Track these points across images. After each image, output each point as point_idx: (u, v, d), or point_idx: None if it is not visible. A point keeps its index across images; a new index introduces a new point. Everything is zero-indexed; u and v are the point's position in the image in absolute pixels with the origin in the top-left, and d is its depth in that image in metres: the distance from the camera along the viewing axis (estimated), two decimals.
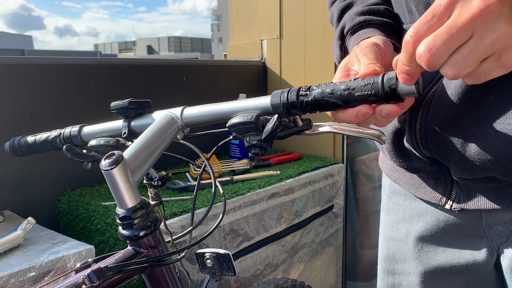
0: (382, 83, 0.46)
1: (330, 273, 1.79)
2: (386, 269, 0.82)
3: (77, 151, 0.67)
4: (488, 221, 0.66)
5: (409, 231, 0.76)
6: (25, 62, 1.27)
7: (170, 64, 1.66)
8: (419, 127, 0.63)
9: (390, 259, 0.81)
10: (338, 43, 0.69)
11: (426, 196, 0.72)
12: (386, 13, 0.69)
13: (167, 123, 0.59)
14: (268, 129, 0.52)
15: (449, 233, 0.72)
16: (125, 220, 0.54)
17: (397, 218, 0.80)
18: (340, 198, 1.76)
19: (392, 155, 0.71)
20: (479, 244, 0.69)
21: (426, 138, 0.63)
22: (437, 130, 0.61)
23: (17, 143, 0.74)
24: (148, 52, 78.38)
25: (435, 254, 0.73)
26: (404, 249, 0.78)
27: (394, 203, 0.81)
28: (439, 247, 0.73)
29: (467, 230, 0.69)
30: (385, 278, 0.83)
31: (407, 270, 0.78)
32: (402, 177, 0.76)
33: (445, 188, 0.69)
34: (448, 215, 0.71)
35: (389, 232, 0.82)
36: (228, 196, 1.29)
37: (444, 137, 0.61)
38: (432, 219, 0.73)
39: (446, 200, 0.69)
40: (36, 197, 1.32)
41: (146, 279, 0.60)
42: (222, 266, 0.62)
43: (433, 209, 0.73)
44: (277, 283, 1.07)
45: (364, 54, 0.55)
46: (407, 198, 0.78)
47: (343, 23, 0.69)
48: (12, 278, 0.84)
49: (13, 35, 54.42)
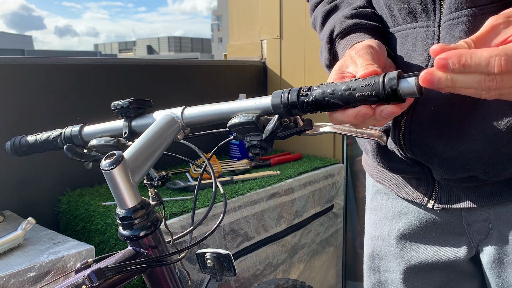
0: (383, 84, 0.46)
1: (330, 273, 1.79)
2: (371, 267, 0.85)
3: (77, 150, 0.67)
4: (468, 219, 0.69)
5: (392, 230, 0.78)
6: (25, 62, 1.26)
7: (170, 64, 1.66)
8: (403, 130, 0.64)
9: (374, 257, 0.84)
10: (327, 47, 0.69)
11: (408, 196, 0.74)
12: (374, 16, 0.70)
13: (167, 123, 0.59)
14: (268, 129, 0.52)
15: (430, 231, 0.74)
16: (125, 220, 0.54)
17: (380, 217, 0.82)
18: (340, 198, 1.76)
19: (376, 157, 0.73)
20: (459, 241, 0.71)
21: (410, 141, 0.64)
22: (421, 133, 0.63)
23: (18, 143, 0.74)
24: (148, 52, 78.38)
25: (417, 251, 0.76)
26: (387, 247, 0.80)
27: (377, 202, 0.83)
28: (421, 244, 0.75)
29: (448, 228, 0.72)
30: (370, 276, 0.85)
31: (390, 267, 0.80)
32: (385, 177, 0.78)
33: (427, 188, 0.71)
34: (430, 214, 0.73)
35: (373, 231, 0.84)
36: (228, 196, 1.29)
37: (427, 140, 0.63)
38: (414, 217, 0.75)
39: (428, 199, 0.71)
40: (36, 197, 1.32)
41: (146, 279, 0.60)
42: (222, 266, 0.62)
43: (415, 208, 0.75)
44: (277, 283, 1.07)
45: (360, 55, 0.55)
46: (389, 197, 0.80)
47: (332, 27, 0.69)
48: (12, 278, 0.84)
49: (13, 35, 54.44)
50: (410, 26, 0.64)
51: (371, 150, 0.74)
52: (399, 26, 0.66)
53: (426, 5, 0.60)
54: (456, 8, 0.57)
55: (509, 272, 0.66)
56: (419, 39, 0.62)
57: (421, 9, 0.61)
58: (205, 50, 78.55)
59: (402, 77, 0.46)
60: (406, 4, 0.63)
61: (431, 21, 0.61)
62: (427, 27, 0.61)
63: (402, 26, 0.65)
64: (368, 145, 0.74)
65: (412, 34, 0.63)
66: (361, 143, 0.79)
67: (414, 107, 0.62)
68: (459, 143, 0.60)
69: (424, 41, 0.62)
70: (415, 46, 0.63)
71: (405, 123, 0.64)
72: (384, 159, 0.72)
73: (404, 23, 0.65)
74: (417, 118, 0.63)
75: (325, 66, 0.72)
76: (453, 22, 0.58)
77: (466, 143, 0.60)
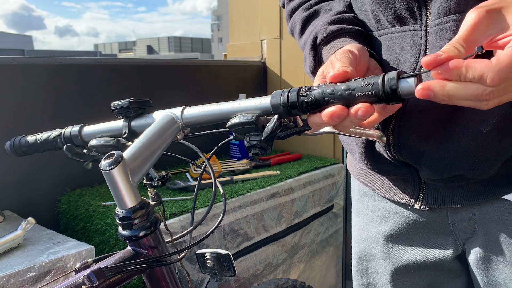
0: (383, 83, 0.46)
1: (330, 273, 1.79)
2: (360, 269, 0.85)
3: (77, 151, 0.66)
4: (453, 218, 0.70)
5: (379, 231, 0.79)
6: (25, 62, 1.27)
7: (170, 64, 1.66)
8: (392, 132, 0.65)
9: (362, 259, 0.84)
10: (311, 54, 0.70)
11: (395, 197, 0.74)
12: (355, 21, 0.70)
13: (167, 123, 0.59)
14: (268, 129, 0.52)
15: (417, 231, 0.74)
16: (125, 220, 0.54)
17: (366, 219, 0.82)
18: (340, 198, 1.76)
19: (364, 158, 0.73)
20: (446, 241, 0.72)
21: (398, 143, 0.65)
22: (409, 135, 0.64)
23: (17, 143, 0.74)
24: (148, 52, 78.37)
25: (404, 252, 0.76)
26: (375, 249, 0.80)
27: (363, 204, 0.83)
28: (408, 245, 0.76)
29: (434, 228, 0.73)
30: (359, 278, 0.85)
31: (378, 269, 0.80)
32: (371, 179, 0.79)
33: (414, 189, 0.71)
34: (416, 215, 0.74)
35: (360, 233, 0.84)
36: (228, 196, 1.29)
37: (415, 142, 0.63)
38: (400, 218, 0.75)
39: (415, 200, 0.71)
40: (36, 197, 1.32)
41: (146, 279, 0.60)
42: (222, 266, 0.62)
43: (401, 209, 0.75)
44: (277, 283, 1.07)
45: (339, 59, 0.56)
46: (375, 199, 0.80)
47: (315, 33, 0.69)
48: (12, 278, 0.84)
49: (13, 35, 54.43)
50: (397, 29, 0.65)
51: (358, 152, 0.74)
52: (384, 29, 0.67)
53: (412, 9, 0.62)
54: (445, 13, 0.58)
55: (495, 270, 0.67)
56: (407, 43, 0.63)
57: (407, 14, 0.62)
58: (205, 50, 78.55)
59: (402, 77, 0.46)
60: (391, 10, 0.63)
61: (418, 25, 0.62)
62: (414, 31, 0.62)
63: (388, 29, 0.66)
64: (356, 147, 0.74)
65: (400, 37, 0.64)
66: (347, 146, 0.79)
67: (403, 110, 0.63)
68: (444, 142, 0.61)
69: (412, 45, 0.63)
70: (403, 49, 0.64)
71: (394, 126, 0.65)
72: (371, 161, 0.72)
73: (391, 26, 0.66)
74: (406, 120, 0.63)
75: (309, 72, 0.72)
76: (442, 26, 0.59)
77: (451, 142, 0.61)
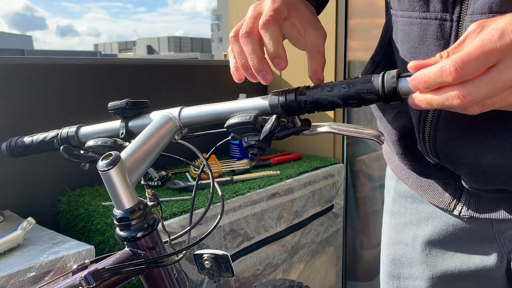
0: (383, 82, 0.46)
1: (330, 273, 1.79)
2: (391, 273, 0.80)
3: (74, 151, 0.66)
4: (499, 226, 0.65)
5: (417, 235, 0.74)
6: (25, 62, 1.26)
7: (170, 64, 1.66)
8: (429, 136, 0.60)
9: (395, 263, 0.79)
10: None
11: (433, 200, 0.70)
12: None
13: (164, 124, 0.58)
14: (266, 129, 0.51)
15: (458, 237, 0.70)
16: (122, 221, 0.54)
17: (403, 221, 0.77)
18: (340, 198, 1.76)
19: (403, 158, 0.69)
20: (489, 249, 0.67)
21: (435, 148, 0.60)
22: (447, 141, 0.59)
23: (14, 144, 0.73)
24: (148, 52, 78.35)
25: (443, 258, 0.72)
26: (411, 253, 0.76)
27: (400, 206, 0.78)
28: (448, 251, 0.71)
29: (477, 234, 0.67)
30: (389, 282, 0.81)
31: (413, 274, 0.76)
32: (409, 176, 0.74)
33: (455, 193, 0.67)
34: (457, 220, 0.69)
35: (395, 236, 0.79)
36: (228, 196, 1.29)
37: (455, 149, 0.58)
38: (440, 223, 0.71)
39: (454, 206, 0.67)
40: (36, 197, 1.32)
41: (144, 280, 0.60)
42: (220, 267, 0.62)
43: (441, 213, 0.71)
44: (274, 284, 1.07)
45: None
46: (414, 201, 0.75)
47: None
48: (12, 278, 0.84)
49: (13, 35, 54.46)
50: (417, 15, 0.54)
51: (397, 152, 0.68)
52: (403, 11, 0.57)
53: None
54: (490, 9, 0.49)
55: None
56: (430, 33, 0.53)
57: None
58: (205, 50, 78.49)
59: (402, 76, 0.46)
60: None
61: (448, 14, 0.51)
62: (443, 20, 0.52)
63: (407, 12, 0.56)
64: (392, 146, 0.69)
65: (419, 25, 0.54)
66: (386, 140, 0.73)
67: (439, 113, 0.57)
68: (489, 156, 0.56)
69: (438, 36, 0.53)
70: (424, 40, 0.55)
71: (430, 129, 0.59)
72: (412, 161, 0.67)
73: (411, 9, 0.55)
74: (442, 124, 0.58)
75: None
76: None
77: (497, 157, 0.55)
